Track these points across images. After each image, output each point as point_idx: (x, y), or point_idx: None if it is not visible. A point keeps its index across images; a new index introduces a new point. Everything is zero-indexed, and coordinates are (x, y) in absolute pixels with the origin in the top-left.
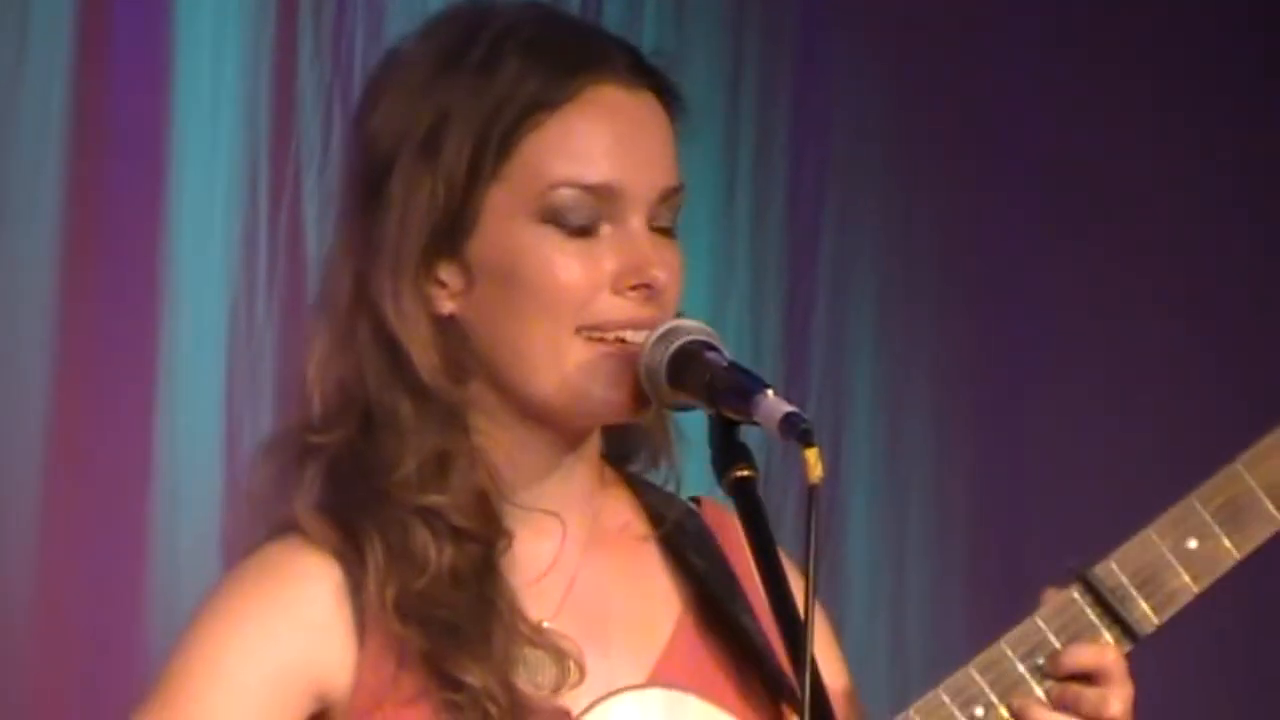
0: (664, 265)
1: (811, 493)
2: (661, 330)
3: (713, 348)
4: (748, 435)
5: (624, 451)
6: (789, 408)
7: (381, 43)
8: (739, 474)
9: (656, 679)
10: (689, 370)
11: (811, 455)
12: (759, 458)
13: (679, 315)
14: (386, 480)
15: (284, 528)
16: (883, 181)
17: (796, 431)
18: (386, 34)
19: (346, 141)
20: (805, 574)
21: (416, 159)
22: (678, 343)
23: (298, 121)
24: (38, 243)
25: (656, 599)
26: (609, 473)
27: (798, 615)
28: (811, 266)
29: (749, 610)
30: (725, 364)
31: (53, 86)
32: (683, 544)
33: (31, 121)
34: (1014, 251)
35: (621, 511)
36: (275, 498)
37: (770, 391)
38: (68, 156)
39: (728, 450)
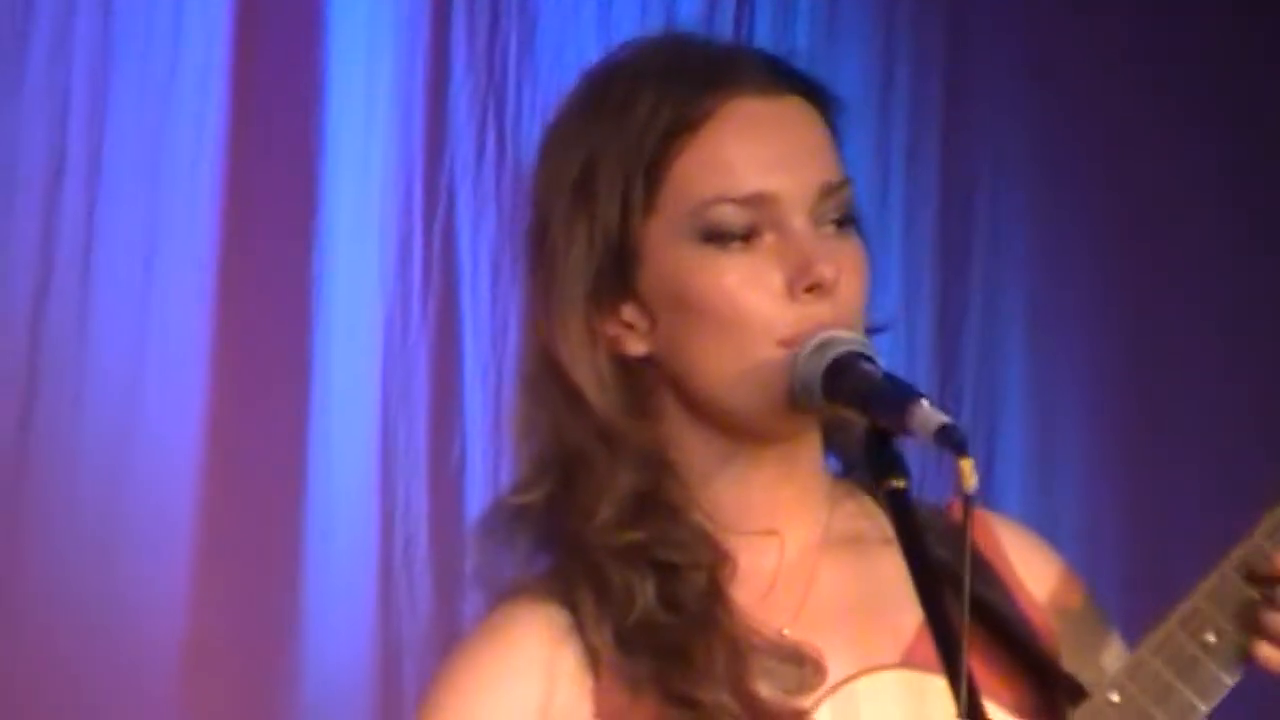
0: (830, 259)
1: (967, 503)
2: (816, 342)
3: (867, 358)
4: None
5: (851, 462)
6: (944, 418)
7: (535, 54)
8: (894, 485)
9: (904, 664)
10: (843, 381)
11: (966, 466)
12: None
13: (860, 320)
14: (586, 527)
15: (504, 593)
16: (1035, 182)
17: (951, 442)
18: (540, 45)
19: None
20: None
21: (571, 207)
22: (832, 354)
23: (451, 134)
24: (194, 256)
25: (902, 597)
26: (844, 485)
27: (952, 627)
28: (964, 270)
29: (1008, 600)
30: (879, 375)
31: (208, 103)
32: (928, 542)
33: (187, 139)
34: (1169, 257)
35: (858, 518)
36: (495, 567)
37: (925, 401)
38: (223, 170)
39: (882, 461)
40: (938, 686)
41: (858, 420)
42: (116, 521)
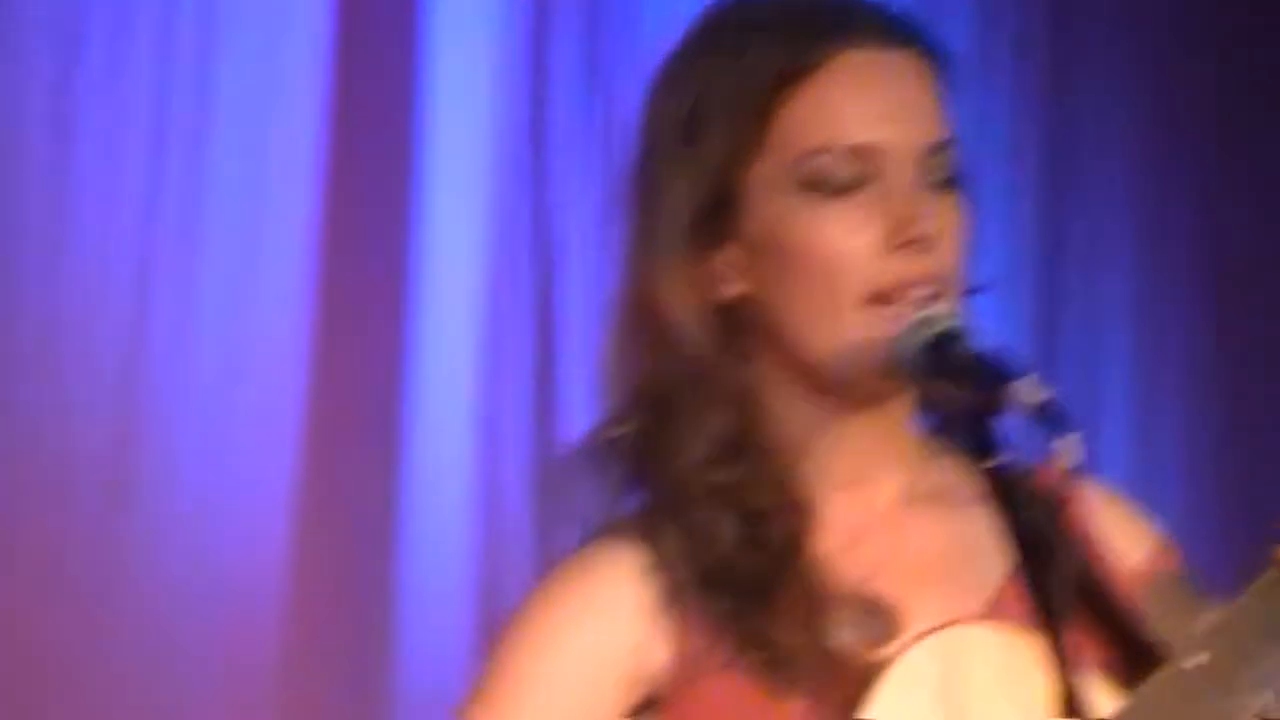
0: (932, 216)
1: (1067, 477)
2: (916, 319)
3: (968, 335)
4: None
5: (941, 421)
6: (1045, 394)
7: (636, 27)
8: (992, 462)
9: (988, 618)
10: (944, 357)
11: (1068, 442)
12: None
13: (959, 280)
14: (675, 465)
15: (589, 532)
16: (1137, 153)
17: (1052, 418)
18: (641, 18)
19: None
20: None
21: (676, 146)
22: (933, 329)
23: (551, 107)
24: (295, 229)
25: (986, 554)
26: (934, 444)
27: (1047, 588)
28: (1063, 250)
29: (1099, 565)
30: (981, 351)
31: (311, 74)
32: (1017, 504)
33: (289, 112)
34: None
35: (946, 475)
36: (584, 501)
37: (1027, 378)
38: (325, 142)
39: (982, 437)
40: (1022, 642)
41: (958, 396)
42: (216, 492)
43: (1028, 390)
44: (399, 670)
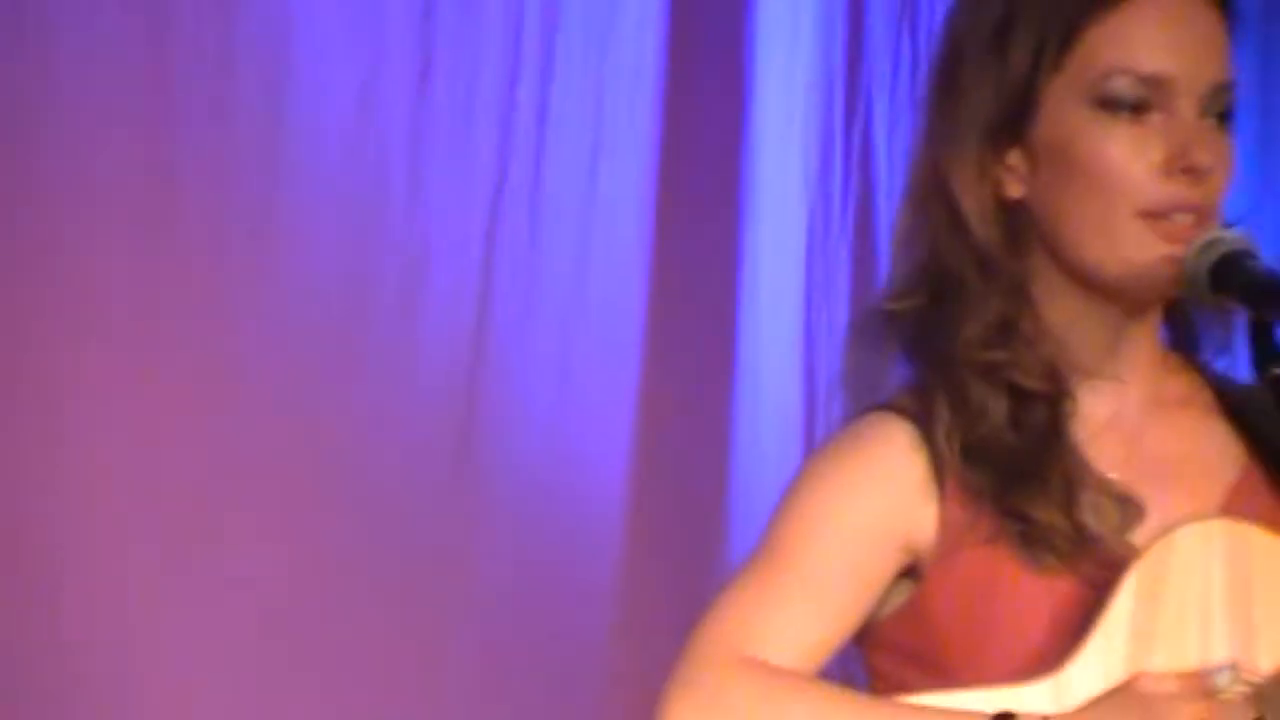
0: (1209, 150)
1: None
2: (1205, 240)
3: (1253, 255)
4: None
5: (1191, 342)
6: None
7: None
8: (1277, 372)
9: (1225, 514)
10: (1230, 276)
11: None
12: None
13: (1220, 211)
14: (952, 342)
15: (868, 408)
16: None
17: None
18: None
19: (928, 48)
20: None
21: (984, 53)
22: (1220, 250)
23: (869, 44)
24: (632, 162)
25: (1221, 457)
26: (1175, 357)
27: None
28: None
29: None
30: (1265, 269)
31: (646, 16)
32: (1250, 415)
33: (627, 52)
34: None
35: (1184, 388)
36: (862, 372)
37: None
38: (660, 79)
39: (1266, 350)
40: (1258, 535)
41: (1241, 312)
42: (564, 409)
43: None
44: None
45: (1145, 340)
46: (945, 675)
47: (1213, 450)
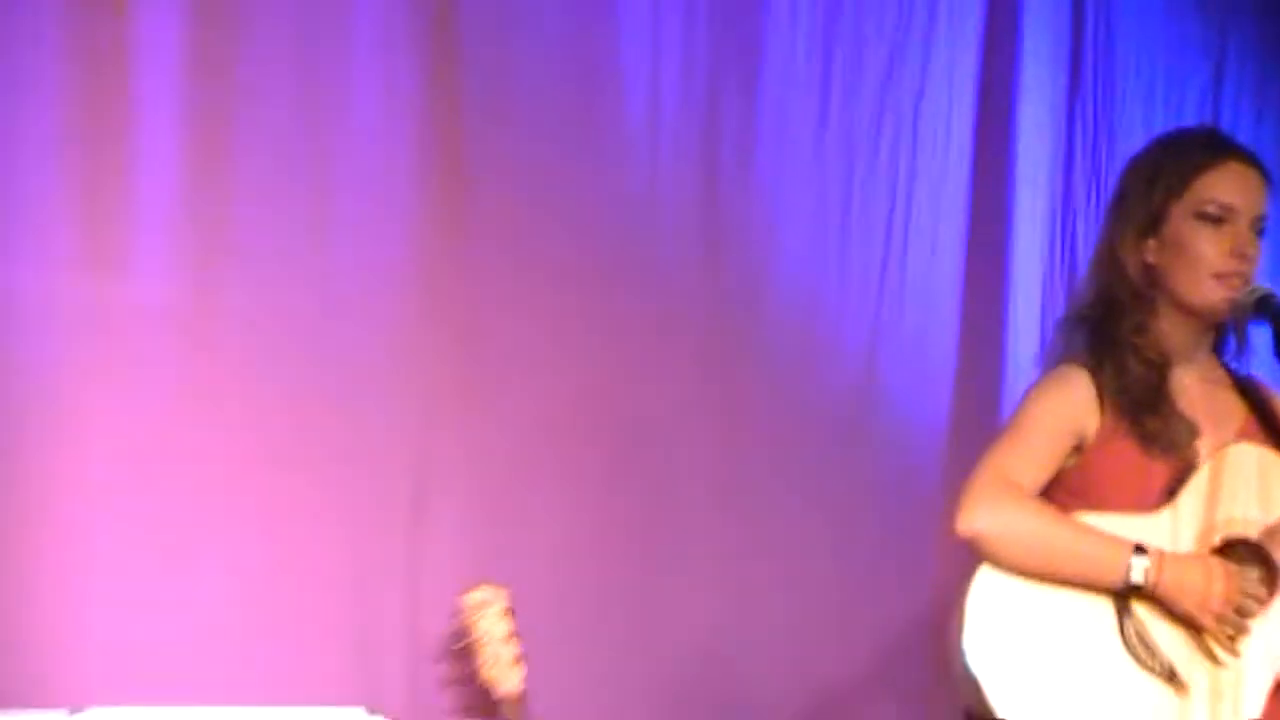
0: (1253, 247)
1: None
2: (1249, 290)
3: (1276, 298)
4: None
5: (1221, 350)
6: None
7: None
8: None
9: (1242, 440)
10: (1264, 307)
11: None
12: None
13: (1254, 278)
14: (1115, 333)
15: (1065, 361)
16: None
17: None
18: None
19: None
20: None
21: (1142, 186)
22: (1259, 295)
23: (1076, 166)
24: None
25: (1233, 412)
26: (1214, 359)
27: (1274, 433)
28: None
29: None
30: None
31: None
32: (1247, 391)
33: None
34: None
35: (1217, 373)
36: (1063, 347)
37: None
38: (973, 150)
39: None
40: (1266, 453)
41: (1260, 329)
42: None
43: None
44: None
45: (1206, 345)
46: (1095, 506)
47: (1228, 408)
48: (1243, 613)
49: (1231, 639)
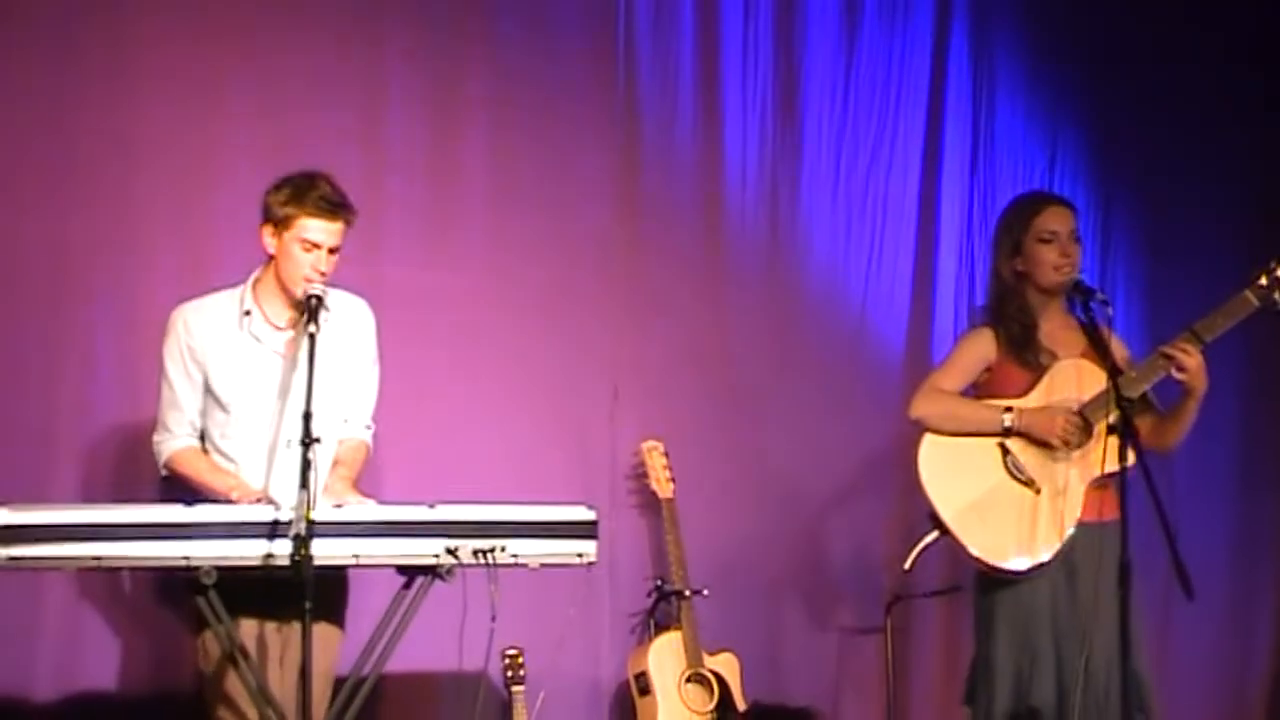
0: (1075, 250)
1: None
2: (1075, 277)
3: (1087, 283)
4: None
5: (1071, 309)
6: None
7: None
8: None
9: (1081, 358)
10: (1076, 288)
11: (1107, 310)
12: None
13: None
14: (1006, 308)
15: (978, 324)
16: None
17: (1105, 302)
18: None
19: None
20: None
21: (1008, 227)
22: (1074, 279)
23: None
24: None
25: (1076, 341)
26: (1069, 315)
27: (1109, 353)
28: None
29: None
30: (1089, 286)
31: None
32: (1086, 330)
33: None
34: None
35: (1069, 320)
36: (978, 319)
37: (1099, 294)
38: None
39: (1086, 309)
40: (1088, 365)
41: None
42: None
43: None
44: None
45: (1058, 306)
46: (994, 397)
47: (1073, 340)
48: (1069, 437)
49: (1068, 445)
